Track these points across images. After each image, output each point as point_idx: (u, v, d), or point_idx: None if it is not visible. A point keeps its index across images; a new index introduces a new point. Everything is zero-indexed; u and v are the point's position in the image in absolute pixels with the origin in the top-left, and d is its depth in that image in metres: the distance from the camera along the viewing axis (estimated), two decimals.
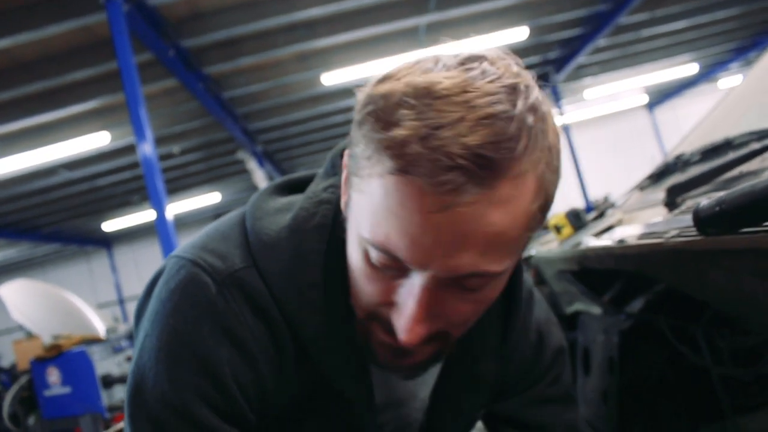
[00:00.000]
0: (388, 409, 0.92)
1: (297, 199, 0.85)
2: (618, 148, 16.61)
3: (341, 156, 0.85)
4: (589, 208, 12.05)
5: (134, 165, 10.14)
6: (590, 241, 1.29)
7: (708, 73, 14.33)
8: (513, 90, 0.62)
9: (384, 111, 0.63)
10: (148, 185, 4.97)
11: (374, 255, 0.67)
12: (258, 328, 0.78)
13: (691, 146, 1.74)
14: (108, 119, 8.00)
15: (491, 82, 0.62)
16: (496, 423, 1.10)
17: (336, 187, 0.82)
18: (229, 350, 0.76)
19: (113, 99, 7.28)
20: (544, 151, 0.65)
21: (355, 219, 0.69)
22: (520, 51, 9.29)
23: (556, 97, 11.40)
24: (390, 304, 0.70)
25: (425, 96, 0.61)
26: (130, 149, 9.08)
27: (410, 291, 0.67)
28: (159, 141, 7.58)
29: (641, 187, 1.79)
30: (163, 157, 9.23)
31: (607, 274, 1.58)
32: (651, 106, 16.82)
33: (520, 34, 8.13)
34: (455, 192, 0.59)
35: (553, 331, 1.07)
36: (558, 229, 1.85)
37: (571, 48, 9.72)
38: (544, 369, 1.05)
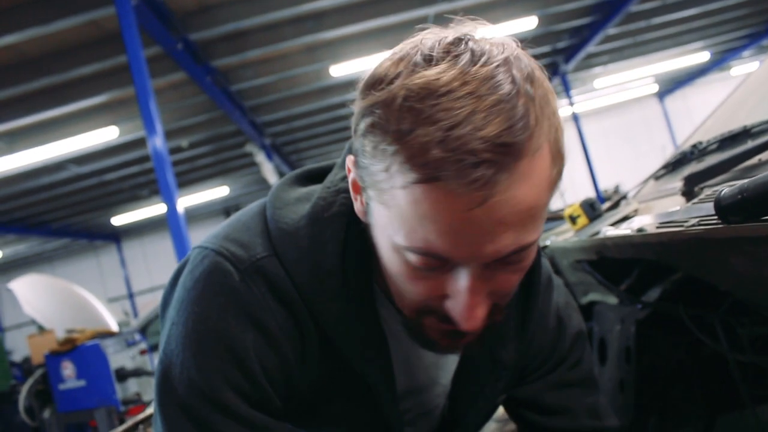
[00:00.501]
0: (410, 394, 0.93)
1: (315, 189, 0.86)
2: (628, 137, 16.52)
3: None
4: (600, 198, 12.00)
5: (143, 159, 10.17)
6: (608, 230, 1.28)
7: (720, 61, 14.21)
8: (506, 65, 0.62)
9: (389, 121, 0.62)
10: (159, 179, 4.98)
11: (414, 259, 0.67)
12: (281, 314, 0.80)
13: (707, 134, 1.72)
14: (116, 114, 8.02)
15: (484, 65, 0.62)
16: (517, 407, 1.09)
17: None
18: (254, 335, 0.78)
19: (121, 93, 7.30)
20: (549, 117, 0.65)
21: (382, 228, 0.70)
22: (529, 40, 9.23)
23: (566, 87, 11.33)
24: (441, 297, 0.71)
25: (428, 96, 0.60)
26: (138, 143, 9.11)
27: (460, 282, 0.68)
28: (168, 135, 7.59)
29: (657, 176, 1.77)
30: (171, 151, 9.25)
31: (622, 264, 1.57)
32: (661, 95, 16.71)
33: (528, 23, 8.08)
34: (487, 185, 0.59)
35: (572, 316, 1.07)
36: (573, 219, 1.84)
37: (581, 37, 9.66)
38: (564, 353, 1.06)
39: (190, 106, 8.63)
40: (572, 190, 13.99)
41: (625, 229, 1.17)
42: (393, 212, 0.65)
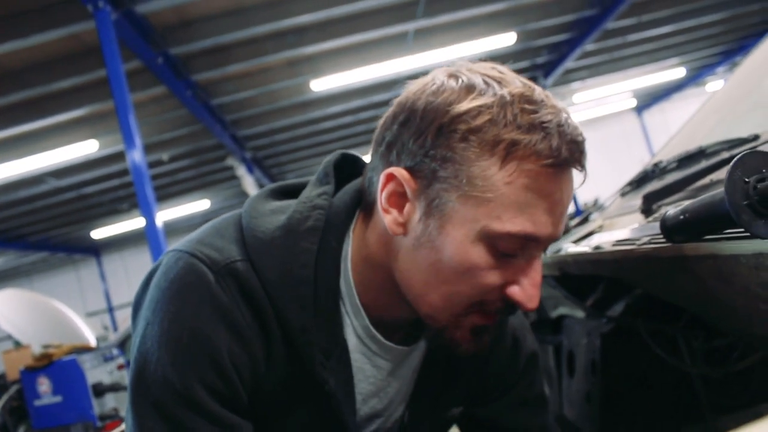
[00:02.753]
0: (369, 402, 0.96)
1: (291, 203, 0.90)
2: (607, 151, 16.69)
3: (335, 167, 0.93)
4: (579, 211, 12.10)
5: (123, 173, 10.10)
6: (569, 247, 1.32)
7: (695, 77, 14.45)
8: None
9: (506, 125, 0.73)
10: (138, 192, 4.97)
11: (504, 244, 0.76)
12: (251, 316, 0.83)
13: (671, 153, 1.78)
14: (96, 127, 7.99)
15: (528, 83, 0.78)
16: (472, 428, 1.12)
17: (329, 195, 0.88)
18: (226, 334, 0.80)
19: (101, 107, 7.28)
20: None
21: (465, 222, 0.77)
22: (508, 56, 9.39)
23: None
24: (506, 284, 0.79)
25: (532, 102, 0.75)
26: (118, 157, 9.06)
27: (533, 263, 0.79)
28: (148, 148, 7.58)
29: (623, 193, 1.83)
30: (152, 165, 9.22)
31: (589, 279, 1.61)
32: (639, 109, 16.95)
33: (507, 39, 8.19)
34: (581, 170, 0.78)
35: (527, 336, 1.10)
36: None
37: (559, 52, 9.79)
38: (519, 373, 1.09)
39: (170, 120, 8.61)
40: None
41: (584, 246, 1.21)
42: (496, 203, 0.74)
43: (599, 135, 16.76)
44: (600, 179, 15.89)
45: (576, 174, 0.80)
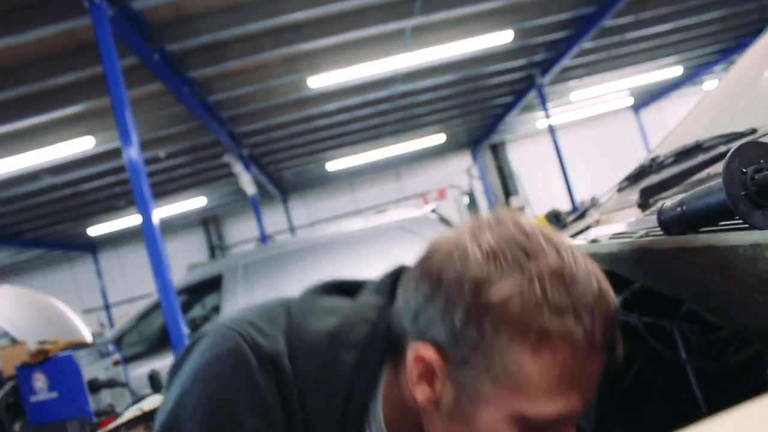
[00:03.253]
0: None
1: (343, 305, 0.90)
2: (604, 149, 16.74)
3: (394, 281, 0.91)
4: (576, 209, 12.13)
5: (119, 169, 10.09)
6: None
7: (693, 75, 14.50)
8: (569, 250, 0.77)
9: (527, 306, 0.71)
10: (135, 189, 4.96)
11: (541, 425, 0.74)
12: (281, 411, 0.83)
13: (668, 148, 1.77)
14: (92, 124, 7.97)
15: (561, 249, 0.75)
16: None
17: (381, 309, 0.88)
18: (258, 420, 0.81)
19: (97, 103, 7.26)
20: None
21: (504, 405, 0.75)
22: (505, 54, 9.40)
23: (542, 99, 11.47)
24: None
25: (564, 278, 0.71)
26: (114, 153, 9.05)
27: None
28: (144, 145, 7.55)
29: (620, 188, 1.83)
30: (148, 161, 9.20)
31: None
32: (637, 107, 16.98)
33: (505, 37, 8.19)
34: (616, 347, 0.76)
35: None
36: None
37: (557, 50, 9.80)
38: None
39: (167, 117, 8.60)
40: (550, 202, 14.15)
41: (581, 240, 1.20)
42: (530, 388, 0.72)
43: (596, 133, 16.81)
44: (597, 177, 15.96)
45: None
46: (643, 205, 1.25)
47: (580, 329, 0.70)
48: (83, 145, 8.26)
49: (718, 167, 1.11)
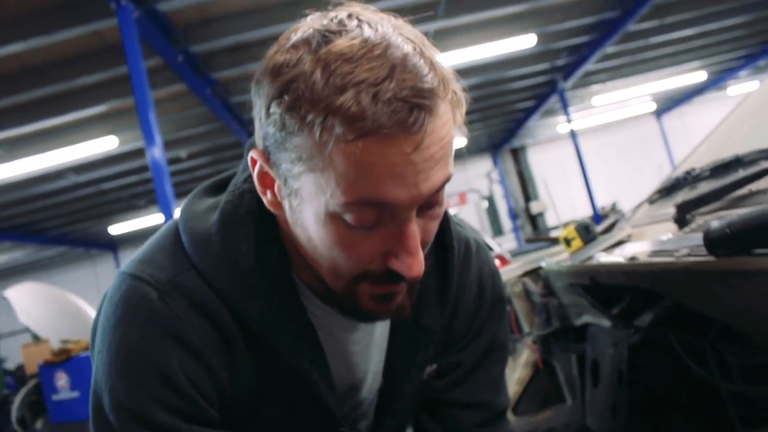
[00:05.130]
0: (345, 377, 0.94)
1: (220, 197, 0.89)
2: (626, 155, 16.58)
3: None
4: (597, 215, 12.01)
5: (141, 169, 10.18)
6: (601, 256, 1.29)
7: (717, 81, 14.31)
8: (397, 30, 0.71)
9: (314, 89, 0.66)
10: (157, 189, 5.00)
11: (354, 216, 0.70)
12: (203, 326, 0.81)
13: (702, 159, 1.74)
14: (116, 123, 8.04)
15: (379, 30, 0.69)
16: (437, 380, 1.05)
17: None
18: (177, 351, 0.79)
19: (121, 103, 7.33)
20: (442, 66, 0.72)
21: (311, 200, 0.72)
22: (527, 58, 9.34)
23: (564, 104, 11.38)
24: (381, 256, 0.74)
25: (346, 62, 0.66)
26: (137, 153, 9.12)
27: (403, 229, 0.72)
28: (167, 145, 7.60)
29: (651, 200, 1.79)
30: (170, 161, 9.26)
31: (616, 287, 1.58)
32: (659, 113, 16.79)
33: (528, 41, 8.14)
34: (422, 127, 0.66)
35: (493, 282, 1.06)
36: (568, 241, 1.85)
37: (579, 55, 9.72)
38: (484, 320, 1.05)
39: (189, 117, 8.65)
40: (570, 207, 14.04)
41: (617, 256, 1.18)
42: (329, 175, 0.68)
43: (618, 138, 16.65)
44: (618, 183, 15.83)
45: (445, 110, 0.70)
46: (680, 220, 1.23)
47: (357, 108, 0.64)
48: (107, 144, 8.33)
49: (761, 184, 1.08)
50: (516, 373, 2.14)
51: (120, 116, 7.92)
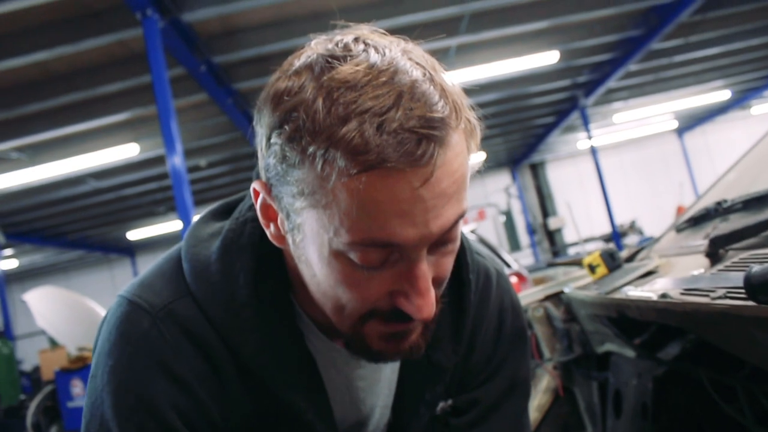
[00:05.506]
0: (349, 413, 0.91)
1: (224, 224, 0.86)
2: (645, 173, 16.46)
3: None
4: (616, 233, 11.91)
5: (161, 176, 10.26)
6: (629, 290, 1.26)
7: (741, 100, 14.19)
8: (406, 55, 0.66)
9: (315, 120, 0.62)
10: (176, 196, 5.03)
11: (358, 256, 0.66)
12: (194, 355, 0.79)
13: (731, 189, 1.70)
14: (138, 131, 8.12)
15: (385, 55, 0.65)
16: (456, 416, 1.01)
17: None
18: (164, 383, 0.77)
19: (143, 111, 7.39)
20: (457, 94, 0.68)
21: (315, 237, 0.68)
22: (549, 74, 9.31)
23: (585, 121, 11.32)
24: (388, 295, 0.70)
25: (349, 90, 0.62)
26: (157, 161, 9.21)
27: (413, 269, 0.68)
28: (187, 153, 7.66)
29: (678, 228, 1.76)
30: (190, 170, 9.33)
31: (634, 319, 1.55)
32: (681, 131, 16.66)
33: (551, 57, 8.11)
34: (431, 159, 0.62)
35: (513, 316, 1.02)
36: (592, 268, 1.82)
37: (602, 72, 9.67)
38: (504, 355, 1.00)
39: (210, 127, 8.71)
40: (588, 224, 13.93)
41: (647, 292, 1.15)
42: (332, 211, 0.64)
43: (638, 156, 16.53)
44: (637, 201, 15.71)
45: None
46: (713, 255, 1.19)
47: (360, 140, 0.60)
48: (128, 151, 8.41)
49: None
50: (536, 400, 2.10)
51: (142, 124, 7.99)
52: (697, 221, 1.62)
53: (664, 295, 1.04)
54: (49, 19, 5.36)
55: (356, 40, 0.68)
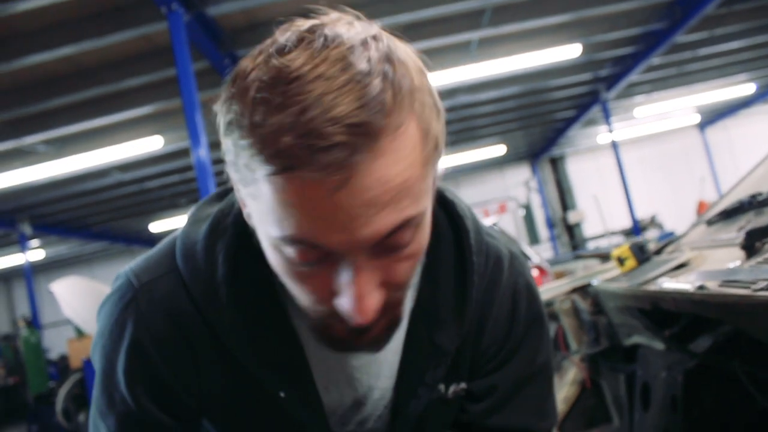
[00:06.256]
0: (346, 395, 0.92)
1: (218, 205, 0.89)
2: (666, 167, 16.29)
3: None
4: (636, 227, 11.82)
5: (183, 169, 10.35)
6: (665, 281, 1.27)
7: (765, 94, 13.98)
8: (363, 46, 0.61)
9: (243, 114, 0.61)
10: (201, 188, 5.09)
11: (291, 252, 0.65)
12: (169, 332, 0.82)
13: (761, 182, 1.70)
14: (161, 124, 8.18)
15: (337, 47, 0.60)
16: (469, 404, 1.00)
17: None
18: (134, 356, 0.82)
19: (167, 105, 7.45)
20: (413, 93, 0.63)
21: (260, 225, 0.68)
22: (570, 68, 9.24)
23: (606, 115, 11.23)
24: (331, 295, 0.69)
25: (278, 84, 0.59)
26: (180, 153, 9.28)
27: (344, 274, 0.66)
28: (210, 146, 7.73)
29: (709, 222, 1.76)
30: (212, 162, 9.39)
31: (672, 311, 1.56)
32: (702, 125, 16.45)
33: (572, 51, 8.06)
34: (343, 168, 0.58)
35: (527, 301, 0.98)
36: (621, 261, 1.83)
37: (624, 66, 9.58)
38: (518, 341, 0.98)
39: None
40: (608, 218, 13.82)
41: (683, 283, 1.16)
42: (262, 204, 0.63)
43: (659, 150, 16.36)
44: (657, 195, 15.54)
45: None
46: (749, 248, 1.20)
47: (272, 139, 0.58)
48: (152, 144, 8.48)
49: None
50: (563, 392, 2.12)
51: (165, 117, 8.06)
52: (729, 214, 1.62)
53: (701, 287, 1.05)
54: (77, 15, 5.43)
55: (313, 28, 0.64)
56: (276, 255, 0.69)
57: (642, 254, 1.82)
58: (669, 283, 1.22)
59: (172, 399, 0.84)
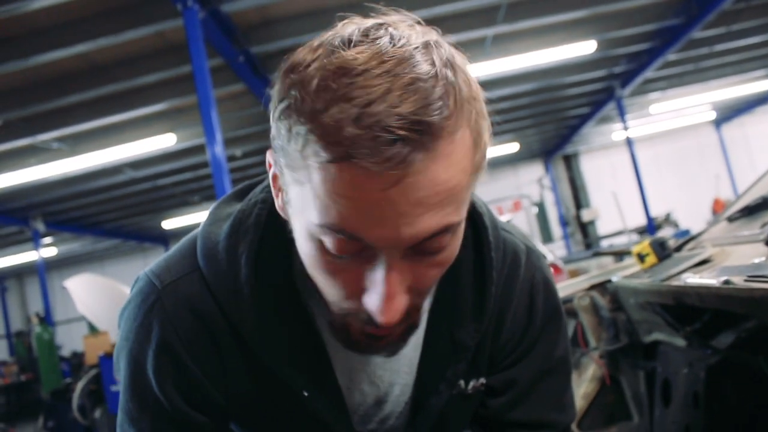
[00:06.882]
0: (368, 394, 0.93)
1: (238, 206, 0.89)
2: (681, 164, 16.17)
3: None
4: (651, 225, 11.74)
5: (196, 166, 10.40)
6: (689, 276, 1.26)
7: None
8: (426, 49, 0.62)
9: (304, 101, 0.61)
10: (216, 185, 5.10)
11: (330, 241, 0.65)
12: (194, 330, 0.83)
13: None
14: (174, 121, 8.22)
15: (403, 46, 0.62)
16: (487, 398, 1.00)
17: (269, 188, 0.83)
18: (161, 357, 0.82)
19: (180, 102, 7.49)
20: (470, 102, 0.64)
21: (301, 213, 0.68)
22: (585, 64, 9.18)
23: (621, 111, 11.16)
24: (360, 291, 0.69)
25: (344, 75, 0.60)
26: (192, 151, 9.32)
27: (378, 270, 0.66)
28: (224, 143, 7.76)
29: (730, 218, 1.74)
30: (227, 159, 9.42)
31: (692, 306, 1.54)
32: (718, 122, 16.31)
33: (588, 47, 8.01)
34: (402, 164, 0.58)
35: (545, 295, 0.99)
36: (641, 257, 1.81)
37: (639, 62, 9.51)
38: (535, 336, 0.98)
39: (246, 117, 8.79)
40: (625, 216, 13.73)
41: (708, 278, 1.15)
42: (308, 190, 0.64)
43: (673, 148, 16.24)
44: (671, 193, 15.41)
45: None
46: None
47: (336, 128, 0.58)
48: (165, 141, 8.52)
49: None
50: (582, 388, 2.11)
51: (179, 114, 8.09)
52: (751, 210, 1.60)
53: (727, 282, 1.03)
54: (91, 12, 5.46)
55: (378, 26, 0.65)
56: (310, 244, 0.69)
57: (663, 251, 1.80)
58: (693, 279, 1.21)
59: (203, 398, 0.85)
